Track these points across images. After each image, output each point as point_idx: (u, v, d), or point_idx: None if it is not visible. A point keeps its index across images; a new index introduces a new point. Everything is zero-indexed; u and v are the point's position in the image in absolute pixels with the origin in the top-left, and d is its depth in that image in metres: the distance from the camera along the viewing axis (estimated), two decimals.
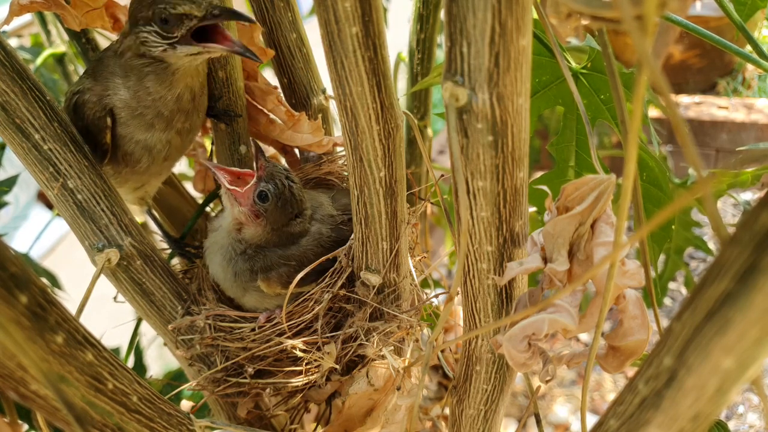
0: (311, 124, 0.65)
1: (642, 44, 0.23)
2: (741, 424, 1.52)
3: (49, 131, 0.53)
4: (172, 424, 0.45)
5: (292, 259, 0.58)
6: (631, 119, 0.26)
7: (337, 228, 0.60)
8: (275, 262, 0.58)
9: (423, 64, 0.88)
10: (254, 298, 0.60)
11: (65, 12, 0.60)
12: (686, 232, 0.85)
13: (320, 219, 0.60)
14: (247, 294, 0.59)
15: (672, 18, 0.58)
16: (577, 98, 0.48)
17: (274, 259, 0.58)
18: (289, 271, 0.57)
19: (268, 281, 0.57)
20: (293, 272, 0.56)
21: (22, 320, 0.31)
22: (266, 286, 0.58)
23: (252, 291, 0.59)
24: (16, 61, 0.51)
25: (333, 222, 0.60)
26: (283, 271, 0.57)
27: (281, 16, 0.64)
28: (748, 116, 2.15)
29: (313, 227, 0.59)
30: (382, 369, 0.58)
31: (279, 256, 0.58)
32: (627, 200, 0.29)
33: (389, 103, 0.44)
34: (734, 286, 0.25)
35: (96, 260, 0.56)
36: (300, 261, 0.57)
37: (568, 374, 1.74)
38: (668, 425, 0.30)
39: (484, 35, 0.32)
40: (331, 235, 0.59)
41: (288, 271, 0.57)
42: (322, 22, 0.39)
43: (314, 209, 0.60)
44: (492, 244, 0.40)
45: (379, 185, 0.49)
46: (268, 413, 0.65)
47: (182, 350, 0.61)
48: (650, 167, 0.68)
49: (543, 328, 0.38)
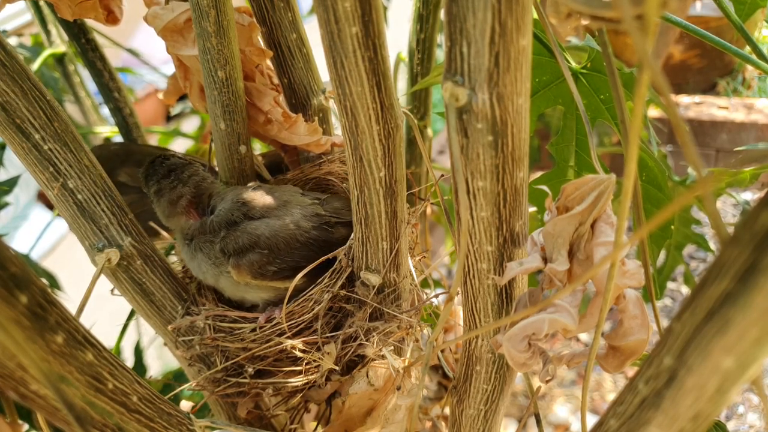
0: (308, 126, 0.65)
1: (642, 44, 0.23)
2: (741, 424, 1.52)
3: (49, 131, 0.53)
4: (172, 424, 0.45)
5: (262, 245, 0.57)
6: (631, 119, 0.26)
7: (321, 227, 0.59)
8: (241, 243, 0.57)
9: (423, 64, 0.88)
10: (229, 285, 0.59)
11: (59, 1, 0.60)
12: (686, 229, 0.85)
13: (301, 213, 0.59)
14: (221, 278, 0.59)
15: (672, 18, 0.58)
16: (576, 98, 0.48)
17: (231, 240, 0.58)
18: (261, 260, 0.57)
19: (239, 268, 0.57)
20: (265, 262, 0.56)
21: (22, 320, 0.31)
22: (237, 273, 0.57)
23: (225, 276, 0.59)
24: (16, 61, 0.51)
25: (317, 221, 0.59)
26: (254, 259, 0.57)
27: (281, 16, 0.64)
28: (748, 116, 2.15)
29: (288, 218, 0.58)
30: (382, 369, 0.58)
31: (234, 234, 0.58)
32: (628, 200, 0.29)
33: (389, 103, 0.44)
34: (734, 286, 0.25)
35: (96, 260, 0.56)
36: (270, 248, 0.57)
37: (568, 374, 1.74)
38: (668, 425, 0.30)
39: (484, 35, 0.32)
40: (310, 232, 0.58)
41: (260, 260, 0.57)
42: (322, 22, 0.39)
43: (291, 203, 0.60)
44: (492, 244, 0.40)
45: (379, 185, 0.49)
46: (268, 413, 0.65)
47: (182, 350, 0.61)
48: (650, 167, 0.68)
49: (543, 328, 0.38)
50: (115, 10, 0.63)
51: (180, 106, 2.56)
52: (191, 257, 0.60)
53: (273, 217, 0.58)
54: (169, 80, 0.72)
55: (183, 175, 0.60)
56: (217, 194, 0.61)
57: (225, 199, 0.60)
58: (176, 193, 0.60)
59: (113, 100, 0.91)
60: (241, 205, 0.59)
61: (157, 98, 2.84)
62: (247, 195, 0.60)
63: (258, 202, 0.59)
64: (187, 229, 0.61)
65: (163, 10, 0.63)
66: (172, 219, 0.61)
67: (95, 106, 1.10)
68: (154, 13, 0.62)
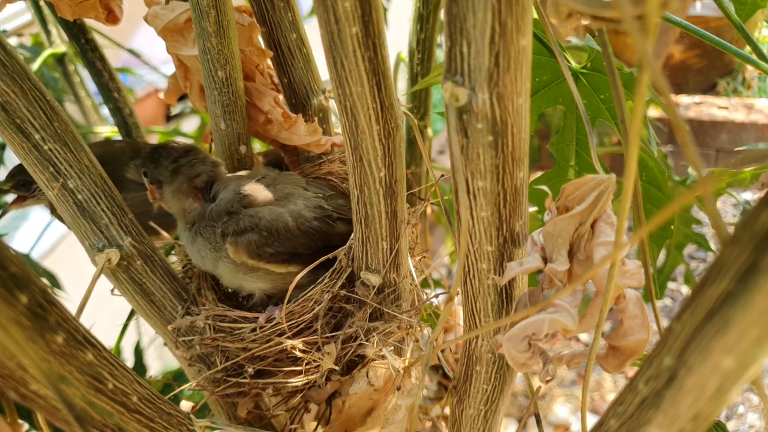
0: (308, 126, 0.65)
1: (642, 44, 0.23)
2: (741, 424, 1.52)
3: (49, 131, 0.53)
4: (172, 424, 0.45)
5: (262, 227, 0.57)
6: (631, 119, 0.26)
7: (323, 219, 0.59)
8: (242, 225, 0.58)
9: (423, 64, 0.88)
10: (227, 271, 0.60)
11: (59, 0, 0.60)
12: (686, 228, 0.85)
13: (304, 204, 0.59)
14: (220, 263, 0.59)
15: (672, 18, 0.58)
16: (577, 98, 0.48)
17: (233, 223, 0.58)
18: (259, 241, 0.57)
19: (236, 246, 0.57)
20: (263, 243, 0.56)
21: (22, 320, 0.31)
22: (234, 251, 0.57)
23: (224, 261, 0.59)
24: (16, 61, 0.51)
25: (320, 213, 0.59)
26: (253, 238, 0.57)
27: (281, 16, 0.64)
28: (748, 116, 2.15)
29: (292, 206, 0.59)
30: (382, 369, 0.58)
31: (237, 218, 0.58)
32: (628, 200, 0.29)
33: (389, 103, 0.44)
34: (734, 286, 0.25)
35: (96, 260, 0.56)
36: (269, 231, 0.57)
37: (568, 374, 1.74)
38: (668, 425, 0.30)
39: (484, 35, 0.32)
40: (312, 222, 0.58)
41: (258, 240, 0.57)
42: (322, 22, 0.39)
43: (294, 195, 0.60)
44: (492, 244, 0.40)
45: (379, 185, 0.49)
46: (268, 413, 0.65)
47: (182, 350, 0.61)
48: (650, 167, 0.68)
49: (543, 328, 0.38)
50: (115, 9, 0.63)
51: (180, 106, 2.57)
52: (191, 241, 0.60)
53: (276, 205, 0.59)
54: (169, 80, 0.72)
55: (200, 156, 0.61)
56: (220, 181, 0.61)
57: (228, 189, 0.60)
58: (196, 170, 0.60)
59: (113, 100, 0.91)
60: (242, 198, 0.59)
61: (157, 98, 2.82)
62: (249, 187, 0.60)
63: (259, 196, 0.59)
64: (188, 214, 0.61)
65: (163, 10, 0.63)
66: (182, 200, 0.61)
67: (95, 106, 1.10)
68: (154, 13, 0.62)
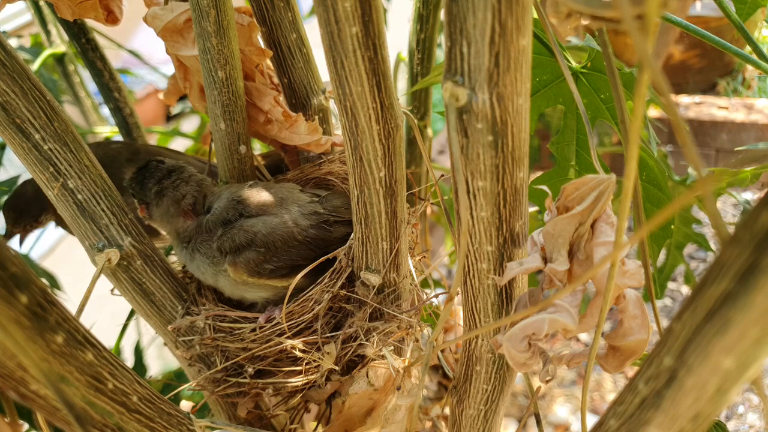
0: (308, 125, 0.65)
1: (642, 44, 0.23)
2: (741, 424, 1.52)
3: (49, 131, 0.53)
4: (172, 424, 0.45)
5: (258, 243, 0.57)
6: (632, 119, 0.26)
7: (319, 226, 0.59)
8: (239, 241, 0.57)
9: (423, 64, 0.88)
10: (228, 284, 0.60)
11: (59, 1, 0.60)
12: (687, 228, 0.85)
13: (299, 211, 0.59)
14: (220, 277, 0.60)
15: (672, 18, 0.58)
16: (577, 98, 0.48)
17: (228, 238, 0.58)
18: (257, 258, 0.57)
19: (236, 266, 0.57)
20: (261, 260, 0.56)
21: (22, 320, 0.31)
22: (233, 271, 0.57)
23: (224, 275, 0.59)
24: (16, 61, 0.51)
25: (316, 219, 0.59)
26: (251, 257, 0.57)
27: (281, 16, 0.64)
28: (748, 116, 2.15)
29: (286, 215, 0.58)
30: (382, 369, 0.58)
31: (232, 232, 0.58)
32: (628, 200, 0.29)
33: (389, 103, 0.44)
34: (734, 286, 0.25)
35: (96, 260, 0.56)
36: (266, 246, 0.57)
37: (568, 374, 1.74)
38: (668, 425, 0.30)
39: (484, 35, 0.32)
40: (308, 230, 0.58)
41: (256, 258, 0.57)
42: (322, 22, 0.39)
43: (288, 201, 0.60)
44: (492, 244, 0.40)
45: (379, 185, 0.49)
46: (268, 413, 0.65)
47: (182, 350, 0.61)
48: (650, 167, 0.68)
49: (543, 328, 0.38)
50: (115, 10, 0.63)
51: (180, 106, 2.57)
52: (190, 259, 0.60)
53: (270, 214, 0.58)
54: (169, 80, 0.72)
55: (183, 175, 0.60)
56: (212, 194, 0.61)
57: (221, 198, 0.60)
58: (180, 192, 0.60)
59: (113, 100, 0.91)
60: (237, 204, 0.59)
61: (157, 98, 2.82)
62: (243, 193, 0.60)
63: (254, 200, 0.59)
64: (183, 232, 0.61)
65: (162, 11, 0.63)
66: (172, 221, 0.61)
67: (95, 106, 1.10)
68: (154, 13, 0.62)
